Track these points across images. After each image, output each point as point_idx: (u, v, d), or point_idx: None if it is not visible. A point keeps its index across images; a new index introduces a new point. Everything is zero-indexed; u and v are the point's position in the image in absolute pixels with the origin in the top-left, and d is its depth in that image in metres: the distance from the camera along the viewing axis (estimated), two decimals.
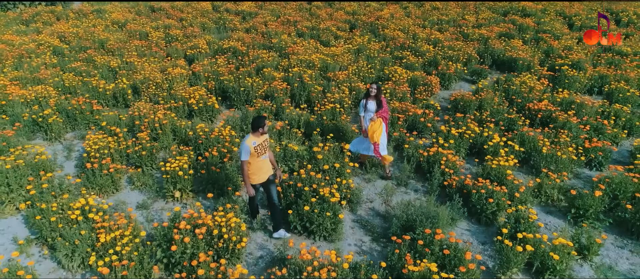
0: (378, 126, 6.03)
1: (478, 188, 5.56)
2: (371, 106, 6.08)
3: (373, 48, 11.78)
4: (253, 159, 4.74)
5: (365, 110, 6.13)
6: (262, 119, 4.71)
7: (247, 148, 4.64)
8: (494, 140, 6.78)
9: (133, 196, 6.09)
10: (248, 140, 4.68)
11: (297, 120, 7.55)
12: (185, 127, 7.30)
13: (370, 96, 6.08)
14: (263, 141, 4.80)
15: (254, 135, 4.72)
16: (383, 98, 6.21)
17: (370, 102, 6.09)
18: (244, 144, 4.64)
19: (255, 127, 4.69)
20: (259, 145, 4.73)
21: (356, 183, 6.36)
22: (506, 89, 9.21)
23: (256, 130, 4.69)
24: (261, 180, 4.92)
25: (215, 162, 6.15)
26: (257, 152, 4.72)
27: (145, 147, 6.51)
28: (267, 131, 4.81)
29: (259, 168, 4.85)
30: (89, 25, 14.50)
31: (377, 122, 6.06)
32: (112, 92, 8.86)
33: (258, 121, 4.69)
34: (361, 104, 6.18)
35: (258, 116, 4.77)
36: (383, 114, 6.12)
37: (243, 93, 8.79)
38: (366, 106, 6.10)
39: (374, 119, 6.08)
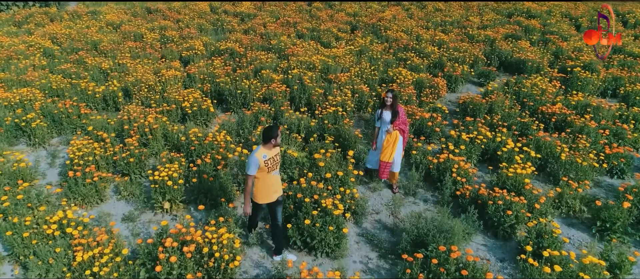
0: (394, 140, 5.52)
1: (494, 199, 5.09)
2: (387, 116, 5.53)
3: (376, 49, 11.35)
4: (262, 174, 4.12)
5: (381, 121, 5.58)
6: (275, 128, 4.11)
7: (256, 161, 4.02)
8: (508, 146, 6.32)
9: (119, 207, 5.62)
10: (258, 152, 4.06)
11: (296, 124, 7.10)
12: (177, 132, 6.84)
13: (385, 106, 5.55)
14: (275, 154, 4.20)
15: (265, 147, 4.11)
16: (400, 107, 5.65)
17: (385, 112, 5.54)
18: (252, 156, 4.04)
19: (267, 138, 4.08)
20: (270, 159, 4.11)
21: (361, 192, 5.89)
22: (517, 91, 8.77)
23: (268, 141, 4.09)
24: (270, 199, 4.29)
25: (208, 170, 5.69)
26: (268, 167, 4.10)
27: (134, 153, 6.04)
28: (280, 142, 4.21)
29: (269, 186, 4.22)
30: (82, 27, 14.07)
31: (393, 135, 5.54)
32: (102, 95, 8.39)
33: (270, 131, 4.08)
34: (376, 114, 5.66)
35: (270, 126, 4.18)
36: (400, 126, 5.56)
37: (240, 96, 8.34)
38: (381, 116, 5.55)
39: (389, 131, 5.55)
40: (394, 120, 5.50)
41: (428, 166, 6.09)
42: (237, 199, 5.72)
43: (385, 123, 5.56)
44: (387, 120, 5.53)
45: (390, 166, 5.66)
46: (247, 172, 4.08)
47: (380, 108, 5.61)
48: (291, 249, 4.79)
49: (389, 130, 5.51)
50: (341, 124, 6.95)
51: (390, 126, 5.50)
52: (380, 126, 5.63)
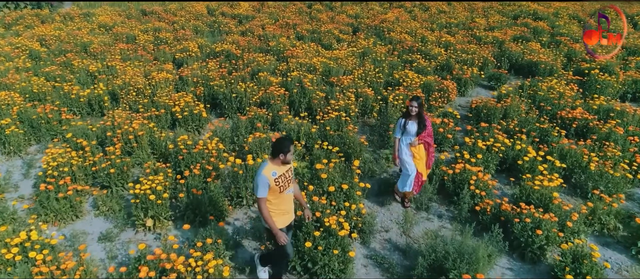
0: (423, 154, 4.92)
1: (521, 216, 4.48)
2: (412, 127, 4.81)
3: (379, 51, 10.78)
4: (273, 195, 3.46)
5: (404, 132, 4.85)
6: (287, 141, 3.43)
7: (265, 181, 3.35)
8: (530, 154, 5.72)
9: (97, 224, 5.00)
10: (266, 169, 3.38)
11: (296, 131, 6.50)
12: (165, 140, 6.24)
13: (410, 116, 4.80)
14: (286, 170, 3.53)
15: (273, 163, 3.45)
16: (426, 116, 4.98)
17: (410, 122, 4.81)
18: (260, 175, 3.35)
19: (276, 152, 3.42)
20: (281, 176, 3.45)
21: (367, 207, 5.28)
22: (532, 95, 8.18)
23: (276, 156, 3.42)
24: (284, 223, 3.62)
25: (197, 183, 5.08)
26: (279, 187, 3.43)
27: (115, 163, 5.43)
28: (290, 160, 3.51)
29: (282, 208, 3.56)
30: (73, 29, 13.52)
31: (420, 150, 4.93)
32: (87, 99, 7.81)
33: (280, 145, 3.41)
34: (398, 125, 4.87)
35: (281, 138, 3.51)
36: (426, 139, 4.90)
37: (235, 100, 7.75)
38: (405, 126, 4.81)
39: (414, 144, 4.88)
40: (421, 132, 4.81)
41: (442, 177, 5.49)
42: (230, 214, 5.11)
43: (409, 135, 4.83)
44: (412, 132, 4.80)
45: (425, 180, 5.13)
46: (256, 195, 3.38)
47: (404, 118, 4.85)
48: (290, 274, 4.17)
49: (414, 143, 4.83)
50: (345, 131, 6.35)
51: (416, 139, 4.83)
52: (402, 137, 4.90)
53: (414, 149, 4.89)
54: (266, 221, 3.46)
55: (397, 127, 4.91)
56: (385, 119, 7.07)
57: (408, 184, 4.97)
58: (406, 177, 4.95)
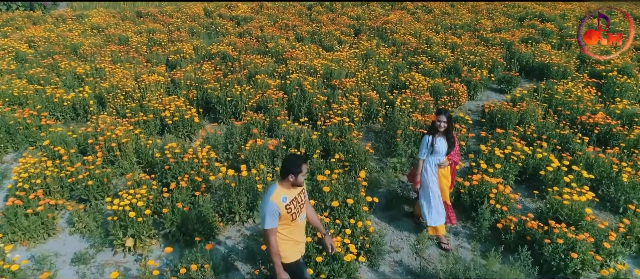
0: (449, 177, 4.30)
1: (552, 236, 3.93)
2: (441, 145, 4.08)
3: (383, 53, 10.27)
4: (284, 224, 2.90)
5: (432, 152, 4.11)
6: (298, 160, 2.85)
7: (274, 209, 2.78)
8: (553, 164, 5.18)
9: (71, 244, 4.45)
10: (275, 195, 2.80)
11: (295, 137, 5.96)
12: (151, 147, 5.70)
13: (438, 132, 4.09)
14: (298, 193, 2.95)
15: (282, 185, 2.86)
16: (455, 137, 4.33)
17: (439, 139, 4.08)
18: (268, 203, 2.78)
19: (286, 172, 2.83)
20: (292, 201, 2.88)
21: (375, 223, 4.74)
22: (547, 98, 7.66)
23: (286, 177, 2.84)
24: (297, 256, 3.04)
25: (184, 197, 4.53)
26: (291, 214, 2.87)
27: (94, 174, 4.89)
28: (302, 182, 2.90)
29: (294, 237, 2.99)
30: (64, 30, 13.02)
31: (448, 172, 4.29)
32: (71, 103, 7.28)
33: (290, 164, 2.83)
34: (425, 143, 4.12)
35: (291, 156, 2.91)
36: (454, 158, 4.30)
37: (230, 104, 7.22)
38: (433, 145, 4.08)
39: (444, 165, 4.19)
40: (451, 150, 4.16)
41: (458, 190, 4.94)
42: (221, 231, 4.57)
43: (437, 155, 4.12)
44: (442, 151, 4.10)
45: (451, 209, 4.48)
46: (264, 227, 2.81)
47: (430, 135, 4.10)
48: None
49: (443, 164, 4.17)
50: (348, 138, 5.81)
51: (445, 159, 4.18)
52: (429, 158, 4.16)
53: (442, 171, 4.23)
54: (272, 257, 2.87)
55: (423, 147, 4.13)
56: (391, 124, 6.55)
57: (438, 216, 4.24)
58: (431, 208, 4.22)
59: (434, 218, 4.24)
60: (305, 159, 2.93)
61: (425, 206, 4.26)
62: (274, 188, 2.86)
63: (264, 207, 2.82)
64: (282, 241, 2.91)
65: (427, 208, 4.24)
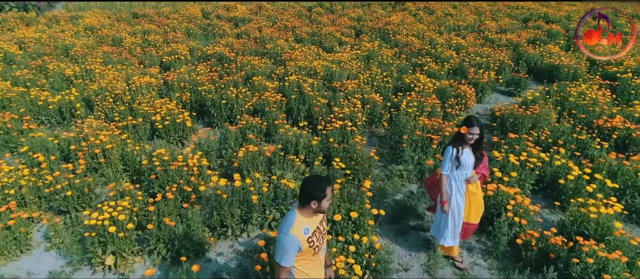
0: (480, 193, 3.79)
1: (580, 254, 3.52)
2: (467, 158, 3.55)
3: (385, 54, 9.89)
4: (304, 259, 2.45)
5: (458, 166, 3.56)
6: (323, 182, 2.37)
7: (295, 244, 2.32)
8: (574, 172, 4.77)
9: (46, 261, 4.04)
10: (295, 226, 2.34)
11: (294, 143, 5.56)
12: (139, 154, 5.29)
13: (465, 143, 3.55)
14: (320, 221, 2.52)
15: (303, 213, 2.40)
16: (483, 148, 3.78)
17: (465, 152, 3.56)
18: (287, 235, 2.31)
19: (307, 197, 2.36)
20: (315, 232, 2.44)
21: (381, 238, 4.32)
22: (560, 101, 7.26)
23: (307, 203, 2.37)
24: None
25: (171, 209, 4.12)
26: (314, 247, 2.43)
27: (73, 184, 4.48)
28: (326, 208, 2.44)
29: (314, 275, 2.52)
30: (56, 31, 12.64)
31: (478, 189, 3.74)
32: (57, 106, 6.88)
33: (312, 187, 2.35)
34: (449, 157, 3.55)
35: (313, 178, 2.40)
36: (483, 171, 3.80)
37: (225, 107, 6.82)
38: (460, 158, 3.53)
39: (471, 180, 3.65)
40: (479, 163, 3.67)
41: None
42: (212, 248, 4.15)
43: (464, 169, 3.59)
44: (469, 164, 3.58)
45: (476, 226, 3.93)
46: (280, 263, 2.33)
47: (455, 147, 3.55)
48: None
49: (472, 179, 3.66)
50: (351, 143, 5.40)
51: (474, 173, 3.68)
52: (455, 173, 3.61)
53: (470, 188, 3.68)
54: None
55: (446, 161, 3.57)
56: (397, 128, 6.15)
57: (453, 238, 3.79)
58: (447, 229, 3.76)
59: (448, 239, 3.81)
60: (329, 181, 2.43)
61: (441, 224, 3.83)
62: (293, 217, 2.36)
63: (282, 240, 2.31)
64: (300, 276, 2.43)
65: (443, 226, 3.81)
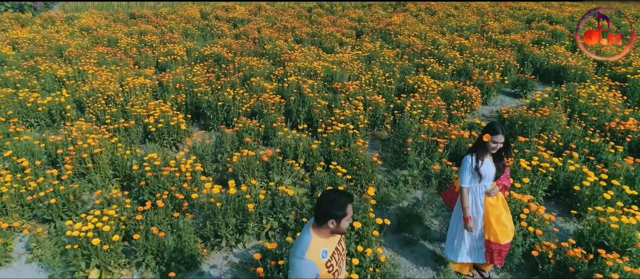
0: (501, 206, 3.40)
1: (603, 269, 3.24)
2: (488, 168, 3.22)
3: (387, 55, 9.63)
4: None
5: (478, 177, 3.22)
6: (343, 199, 2.09)
7: (312, 270, 2.04)
8: (589, 178, 4.50)
9: (27, 274, 3.77)
10: (311, 249, 2.06)
11: (293, 147, 5.29)
12: (129, 158, 5.02)
13: (486, 151, 3.19)
14: (338, 241, 2.25)
15: (319, 233, 2.12)
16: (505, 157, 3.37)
17: (487, 163, 3.22)
18: (302, 260, 2.04)
19: (326, 216, 2.08)
20: (333, 255, 2.17)
21: (386, 250, 4.05)
22: (570, 103, 6.99)
23: (324, 222, 2.09)
24: None
25: (161, 219, 3.84)
26: (333, 272, 2.15)
27: (58, 190, 4.20)
28: (345, 229, 2.15)
29: None
30: (51, 31, 12.39)
31: (499, 202, 3.35)
32: (47, 108, 6.61)
33: (331, 204, 2.06)
34: (467, 167, 3.20)
35: (333, 194, 2.12)
36: (504, 182, 3.40)
37: (222, 109, 6.56)
38: (479, 169, 3.19)
39: (491, 193, 3.28)
40: (500, 174, 3.31)
41: None
42: (205, 260, 3.88)
43: (485, 180, 3.24)
44: (489, 175, 3.23)
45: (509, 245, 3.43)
46: None
47: (474, 155, 3.21)
48: None
49: (492, 192, 3.29)
50: (353, 147, 5.13)
51: (494, 185, 3.31)
52: (477, 186, 3.28)
53: (491, 201, 3.30)
54: None
55: (465, 172, 3.21)
56: (400, 131, 5.88)
57: (468, 256, 3.45)
58: (462, 245, 3.42)
59: (460, 256, 3.50)
60: (350, 198, 2.12)
61: (456, 239, 3.54)
62: (308, 238, 2.08)
63: (296, 266, 2.03)
64: None
65: (457, 242, 3.52)
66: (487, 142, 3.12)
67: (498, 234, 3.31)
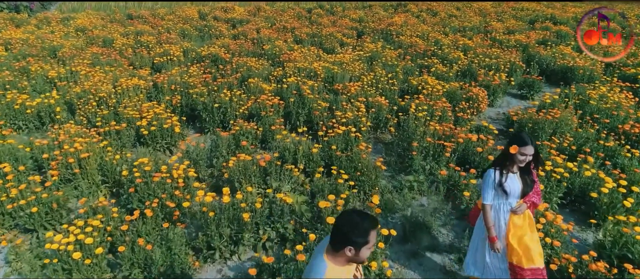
0: (527, 227, 2.97)
1: None
2: (514, 184, 2.88)
3: (389, 55, 9.37)
4: None
5: (502, 194, 2.90)
6: (365, 223, 1.81)
7: None
8: (607, 184, 4.23)
9: None
10: None
11: (292, 151, 5.02)
12: (119, 163, 4.74)
13: (513, 164, 2.85)
14: (356, 268, 1.98)
15: (335, 261, 1.86)
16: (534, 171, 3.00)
17: (512, 177, 2.88)
18: None
19: (344, 241, 1.81)
20: None
21: (391, 262, 3.77)
22: (580, 104, 6.73)
23: (341, 249, 1.82)
24: None
25: (149, 229, 3.57)
26: None
27: (40, 198, 3.93)
28: (365, 258, 1.87)
29: None
30: (46, 32, 12.14)
31: (525, 221, 2.98)
32: (36, 110, 6.35)
33: (353, 229, 1.79)
34: (490, 183, 2.88)
35: (353, 216, 1.83)
36: (533, 199, 3.00)
37: (218, 111, 6.29)
38: (504, 184, 2.86)
39: (518, 211, 2.91)
40: (529, 190, 2.93)
41: None
42: (197, 273, 3.60)
43: (510, 197, 2.90)
44: (515, 192, 2.88)
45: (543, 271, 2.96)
46: None
47: (498, 169, 2.88)
48: None
49: (518, 210, 2.92)
50: (356, 151, 4.86)
51: (521, 203, 2.94)
52: (500, 203, 2.94)
53: (516, 221, 2.94)
54: None
55: (487, 187, 2.88)
56: (405, 134, 5.61)
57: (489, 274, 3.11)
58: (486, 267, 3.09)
59: (487, 273, 3.16)
60: (375, 223, 1.82)
61: (478, 259, 3.22)
62: (323, 267, 1.81)
63: None
64: None
65: (480, 261, 3.21)
66: (514, 155, 2.76)
67: (522, 257, 2.92)
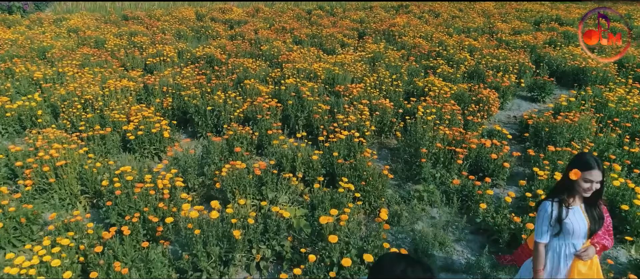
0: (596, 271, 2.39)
1: None
2: (578, 221, 2.27)
3: (392, 56, 8.97)
4: None
5: (560, 232, 2.29)
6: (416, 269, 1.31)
7: None
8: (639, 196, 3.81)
9: None
10: None
11: (290, 157, 4.59)
12: (100, 172, 4.32)
13: (574, 197, 2.28)
14: None
15: None
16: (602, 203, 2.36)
17: (577, 212, 2.28)
18: None
19: None
20: None
21: None
22: (597, 107, 6.32)
23: None
24: None
25: (126, 249, 3.13)
26: None
27: (7, 212, 3.50)
28: None
29: None
30: (36, 33, 11.74)
31: (593, 267, 2.37)
32: (16, 114, 5.93)
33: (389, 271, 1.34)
34: (545, 218, 2.28)
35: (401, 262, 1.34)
36: (603, 241, 2.44)
37: (211, 114, 5.87)
38: (563, 220, 2.25)
39: (583, 257, 2.28)
40: (597, 230, 2.31)
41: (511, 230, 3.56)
42: None
43: (573, 236, 2.28)
44: (580, 231, 2.27)
45: None
46: None
47: (556, 201, 2.27)
48: None
49: (584, 254, 2.31)
50: (360, 159, 4.43)
51: (587, 245, 2.35)
52: (559, 242, 2.33)
53: (581, 268, 2.29)
54: None
55: (542, 223, 2.29)
56: (412, 140, 5.19)
57: None
58: None
59: None
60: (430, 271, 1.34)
61: None
62: None
63: None
64: None
65: None
66: (576, 182, 2.18)
67: None
